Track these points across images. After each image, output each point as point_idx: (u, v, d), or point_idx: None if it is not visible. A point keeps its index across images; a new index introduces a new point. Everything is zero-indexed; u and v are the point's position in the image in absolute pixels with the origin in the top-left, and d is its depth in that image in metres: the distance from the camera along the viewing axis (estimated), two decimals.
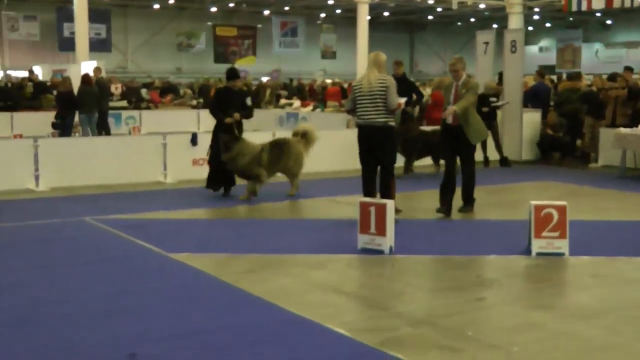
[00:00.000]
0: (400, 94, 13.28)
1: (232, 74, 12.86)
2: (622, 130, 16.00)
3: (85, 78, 20.94)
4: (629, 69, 19.19)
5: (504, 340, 5.86)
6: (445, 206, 10.82)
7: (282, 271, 7.96)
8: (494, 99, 17.28)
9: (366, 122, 10.24)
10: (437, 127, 14.36)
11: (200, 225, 10.79)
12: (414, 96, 15.71)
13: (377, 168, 10.55)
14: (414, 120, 15.94)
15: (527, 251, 8.61)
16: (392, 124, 10.36)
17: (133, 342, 5.76)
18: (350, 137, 13.88)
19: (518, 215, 10.01)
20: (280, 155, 12.56)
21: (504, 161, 17.32)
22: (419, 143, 15.04)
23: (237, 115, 12.19)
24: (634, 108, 17.22)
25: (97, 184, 13.55)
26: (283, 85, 32.23)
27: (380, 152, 10.34)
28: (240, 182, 12.43)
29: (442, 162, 13.45)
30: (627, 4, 30.65)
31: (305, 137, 12.88)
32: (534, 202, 8.67)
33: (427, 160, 15.68)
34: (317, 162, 14.26)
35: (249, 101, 12.89)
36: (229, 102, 12.35)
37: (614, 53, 46.34)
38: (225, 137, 12.00)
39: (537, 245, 8.55)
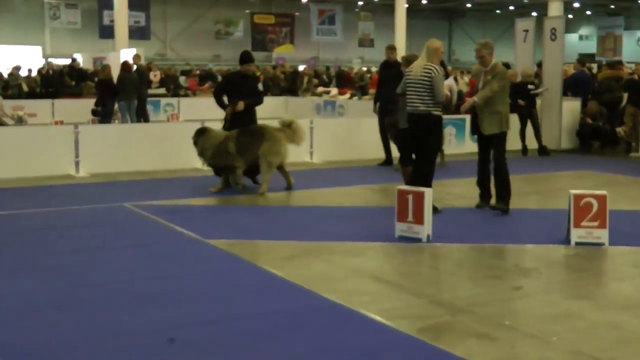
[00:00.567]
0: (392, 79, 13.55)
1: (246, 58, 12.40)
2: None
3: (125, 65, 21.13)
4: None
5: (542, 329, 5.81)
6: (483, 200, 10.68)
7: (320, 258, 7.96)
8: (532, 87, 17.16)
9: (411, 110, 10.10)
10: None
11: (235, 212, 10.80)
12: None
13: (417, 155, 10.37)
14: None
15: (566, 241, 8.54)
16: (438, 113, 10.00)
17: (172, 326, 5.79)
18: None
19: (557, 204, 9.95)
20: (253, 141, 11.58)
21: (542, 150, 17.18)
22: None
23: (240, 105, 11.83)
24: None
25: (136, 171, 13.64)
26: (315, 74, 32.03)
27: (420, 140, 10.17)
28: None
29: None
30: None
31: (291, 128, 11.98)
32: (573, 191, 8.60)
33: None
34: (356, 149, 14.27)
35: (260, 86, 12.80)
36: (241, 87, 12.05)
37: None
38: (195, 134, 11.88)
39: (576, 235, 8.48)
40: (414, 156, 10.31)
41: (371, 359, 5.24)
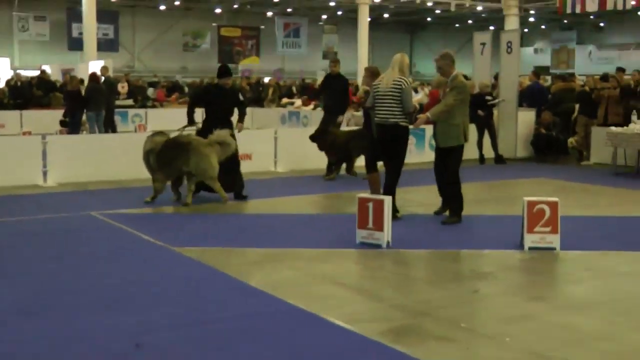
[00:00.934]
0: (334, 90, 15.00)
1: (225, 71, 12.14)
2: (614, 129, 16.03)
3: (93, 77, 21.00)
4: (620, 70, 19.23)
5: (497, 330, 5.89)
6: (444, 207, 10.68)
7: (285, 264, 7.97)
8: (489, 98, 17.32)
9: (380, 121, 10.15)
10: (359, 128, 14.24)
11: (202, 219, 10.76)
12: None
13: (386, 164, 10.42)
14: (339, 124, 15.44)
15: (521, 246, 8.62)
16: (405, 124, 10.02)
17: (138, 331, 5.77)
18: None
19: (512, 210, 9.99)
20: (177, 156, 11.13)
21: (499, 159, 17.34)
22: (349, 144, 14.07)
23: (240, 128, 12.13)
24: (626, 107, 17.24)
25: (104, 180, 13.54)
26: (288, 88, 32.05)
27: (389, 150, 10.22)
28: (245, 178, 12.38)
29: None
30: (620, 6, 30.59)
31: (220, 145, 11.34)
32: (526, 198, 8.67)
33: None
34: (320, 158, 14.31)
35: (241, 96, 12.90)
36: (220, 100, 11.77)
37: (606, 54, 46.33)
38: None
39: (529, 240, 8.56)
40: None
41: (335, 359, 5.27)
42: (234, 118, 12.16)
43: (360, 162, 13.46)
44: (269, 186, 13.39)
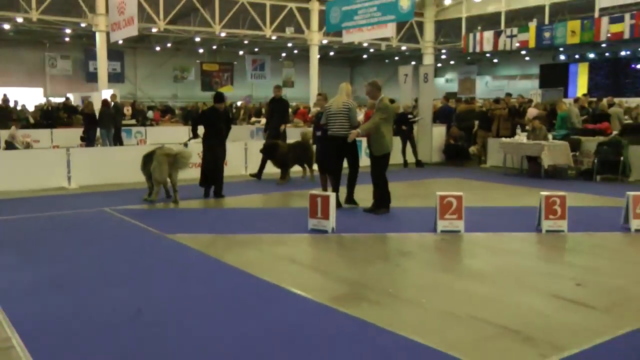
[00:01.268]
0: (278, 111, 15.30)
1: (220, 98, 12.09)
2: (504, 139, 16.32)
3: (105, 102, 21.10)
4: (508, 95, 19.59)
5: (416, 295, 5.99)
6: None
7: (252, 247, 7.99)
8: (410, 116, 17.49)
9: (334, 134, 10.41)
10: (301, 140, 14.36)
11: (189, 213, 10.73)
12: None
13: (339, 166, 10.65)
14: (285, 136, 15.54)
15: (434, 230, 8.75)
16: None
17: (140, 301, 5.78)
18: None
19: (428, 203, 10.09)
20: (146, 162, 11.40)
21: (418, 163, 17.53)
22: (291, 155, 14.18)
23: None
24: (512, 123, 17.56)
25: (115, 183, 13.55)
26: (257, 109, 31.92)
27: (347, 154, 10.64)
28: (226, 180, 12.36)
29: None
30: (508, 47, 31.28)
31: (176, 156, 11.26)
32: (438, 193, 8.81)
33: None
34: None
35: (230, 115, 12.96)
36: (216, 119, 11.87)
37: (499, 83, 46.93)
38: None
39: (441, 225, 8.70)
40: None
41: (295, 322, 5.30)
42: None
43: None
44: (241, 186, 13.38)
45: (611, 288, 6.23)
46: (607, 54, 40.21)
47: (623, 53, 39.30)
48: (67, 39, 40.36)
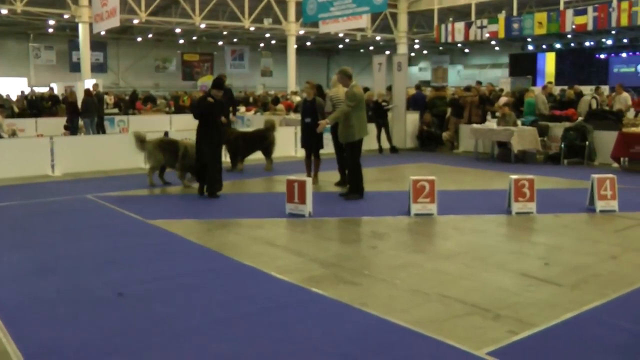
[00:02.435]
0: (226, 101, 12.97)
1: (219, 84, 10.54)
2: (475, 126, 16.32)
3: (87, 92, 20.86)
4: (478, 83, 19.57)
5: (390, 275, 5.95)
6: (342, 184, 10.97)
7: (231, 230, 7.92)
8: (385, 104, 17.42)
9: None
10: (260, 128, 13.96)
11: (171, 199, 10.60)
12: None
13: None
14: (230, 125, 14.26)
15: (408, 213, 8.71)
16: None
17: (121, 284, 5.68)
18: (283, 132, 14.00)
19: (402, 187, 10.10)
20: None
21: (393, 149, 17.47)
22: (241, 142, 13.50)
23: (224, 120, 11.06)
24: (483, 110, 17.57)
25: (97, 170, 13.41)
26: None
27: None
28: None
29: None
30: (479, 37, 31.34)
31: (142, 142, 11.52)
32: (412, 177, 8.77)
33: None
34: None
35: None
36: (214, 109, 10.53)
37: (470, 72, 47.00)
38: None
39: (414, 208, 8.67)
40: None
41: (271, 301, 5.24)
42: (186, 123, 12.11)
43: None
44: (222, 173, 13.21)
45: (577, 266, 6.24)
46: (572, 45, 40.45)
47: (587, 44, 39.56)
48: (50, 30, 39.83)
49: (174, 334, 4.58)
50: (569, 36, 37.14)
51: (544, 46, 41.28)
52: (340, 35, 38.71)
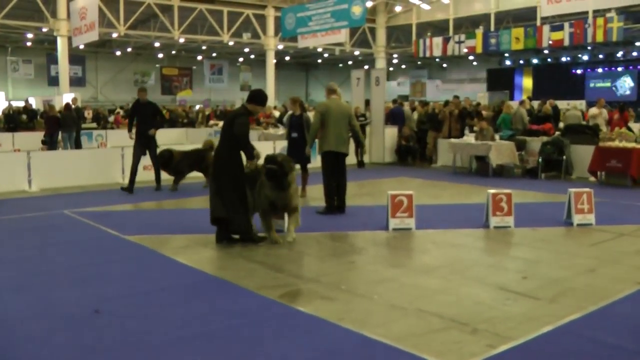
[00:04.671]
0: (143, 116, 12.41)
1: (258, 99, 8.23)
2: (453, 140, 16.42)
3: (67, 106, 20.80)
4: (456, 97, 19.69)
5: (367, 290, 5.91)
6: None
7: (208, 246, 7.82)
8: (362, 119, 17.42)
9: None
10: (199, 148, 13.19)
11: (148, 214, 10.51)
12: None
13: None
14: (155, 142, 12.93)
15: (386, 227, 8.69)
16: None
17: (97, 301, 5.58)
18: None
19: (380, 201, 10.08)
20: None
21: (360, 163, 17.39)
22: (186, 162, 12.90)
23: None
24: (462, 124, 17.68)
25: (75, 185, 13.26)
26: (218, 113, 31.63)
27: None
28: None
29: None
30: (457, 52, 31.62)
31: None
32: (390, 192, 8.77)
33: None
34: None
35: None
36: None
37: (448, 86, 47.29)
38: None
39: (393, 223, 8.66)
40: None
41: (248, 317, 5.19)
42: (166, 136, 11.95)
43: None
44: (198, 189, 13.10)
45: (555, 279, 6.26)
46: (549, 60, 40.99)
47: (564, 59, 40.12)
48: (29, 44, 39.60)
49: (149, 350, 4.52)
50: (546, 51, 37.66)
51: (521, 61, 41.79)
52: (319, 49, 38.90)
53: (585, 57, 39.56)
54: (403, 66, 51.17)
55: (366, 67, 36.86)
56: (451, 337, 4.70)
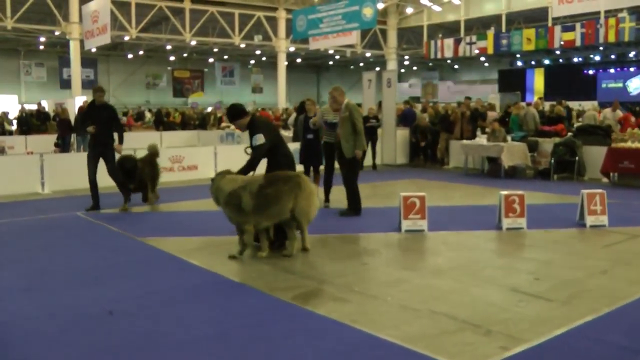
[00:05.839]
0: (103, 122, 10.54)
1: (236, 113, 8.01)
2: (465, 141, 16.40)
3: (80, 109, 20.91)
4: (468, 98, 19.66)
5: (380, 292, 5.92)
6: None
7: (221, 248, 7.83)
8: (373, 120, 17.40)
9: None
10: (147, 154, 11.61)
11: (158, 216, 10.55)
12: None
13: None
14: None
15: (399, 229, 8.70)
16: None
17: (110, 302, 5.63)
18: None
19: (392, 203, 10.08)
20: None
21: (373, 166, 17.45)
22: (146, 170, 11.26)
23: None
24: (474, 126, 17.64)
25: (87, 187, 13.10)
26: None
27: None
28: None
29: None
30: (468, 53, 31.55)
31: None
32: (402, 194, 8.77)
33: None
34: None
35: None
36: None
37: (460, 88, 47.19)
38: None
39: (405, 225, 8.66)
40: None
41: (261, 318, 5.20)
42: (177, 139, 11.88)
43: None
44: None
45: (568, 281, 6.24)
46: (560, 60, 40.85)
47: (575, 59, 39.96)
48: (41, 47, 39.91)
49: (163, 351, 4.55)
50: (557, 52, 37.53)
51: (532, 62, 41.67)
52: (330, 51, 38.96)
53: (597, 58, 39.40)
54: (414, 68, 51.15)
55: (377, 68, 36.86)
56: (464, 339, 4.70)
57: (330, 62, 51.51)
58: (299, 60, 47.78)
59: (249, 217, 7.14)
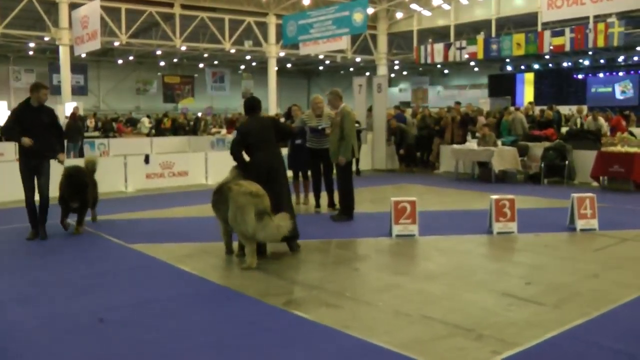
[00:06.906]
0: (40, 127, 8.94)
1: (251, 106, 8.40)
2: (455, 146, 16.44)
3: (72, 116, 20.79)
4: (457, 103, 19.71)
5: (372, 297, 5.92)
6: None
7: (212, 254, 7.83)
8: (357, 125, 17.33)
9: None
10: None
11: (150, 222, 10.49)
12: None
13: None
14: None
15: (390, 234, 8.71)
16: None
17: (101, 310, 5.60)
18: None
19: (383, 208, 10.09)
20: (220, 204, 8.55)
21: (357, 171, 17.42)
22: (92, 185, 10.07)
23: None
24: (464, 130, 17.71)
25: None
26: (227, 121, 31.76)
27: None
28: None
29: None
30: (457, 58, 31.66)
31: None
32: (393, 199, 8.79)
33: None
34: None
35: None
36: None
37: (450, 92, 47.44)
38: None
39: (396, 230, 8.67)
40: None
41: (253, 325, 5.19)
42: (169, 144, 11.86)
43: None
44: (201, 196, 13.09)
45: (558, 285, 6.27)
46: (550, 65, 41.07)
47: (565, 64, 40.19)
48: (31, 53, 39.70)
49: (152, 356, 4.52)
50: (547, 57, 37.68)
51: (522, 67, 41.86)
52: (321, 57, 38.94)
53: (587, 62, 39.62)
54: (404, 73, 51.22)
55: (368, 74, 36.91)
56: (456, 344, 4.71)
57: (321, 68, 51.52)
58: (289, 65, 47.78)
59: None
